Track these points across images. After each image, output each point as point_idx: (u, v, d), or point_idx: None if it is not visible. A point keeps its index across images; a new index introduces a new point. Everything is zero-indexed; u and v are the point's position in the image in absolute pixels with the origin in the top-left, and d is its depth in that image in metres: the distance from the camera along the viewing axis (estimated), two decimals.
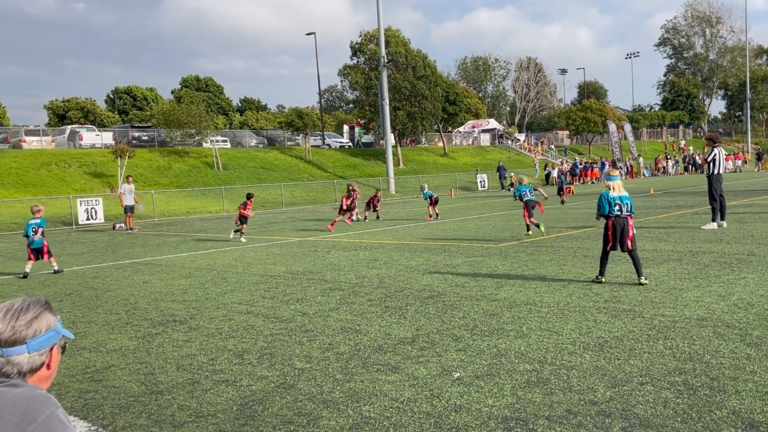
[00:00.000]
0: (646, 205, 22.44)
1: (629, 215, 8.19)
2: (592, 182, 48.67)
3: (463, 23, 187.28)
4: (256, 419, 4.35)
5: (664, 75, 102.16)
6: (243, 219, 17.15)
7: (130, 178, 25.89)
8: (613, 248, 8.25)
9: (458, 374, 5.04)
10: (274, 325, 7.08)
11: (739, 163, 57.06)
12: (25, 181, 32.14)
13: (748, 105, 74.12)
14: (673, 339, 5.69)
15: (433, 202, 21.02)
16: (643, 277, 8.19)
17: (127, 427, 4.35)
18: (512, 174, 44.02)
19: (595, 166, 51.11)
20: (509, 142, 66.22)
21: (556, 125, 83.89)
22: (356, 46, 49.95)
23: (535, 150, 63.41)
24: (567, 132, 71.10)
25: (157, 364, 5.84)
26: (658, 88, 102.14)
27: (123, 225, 25.61)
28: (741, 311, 6.55)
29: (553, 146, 65.34)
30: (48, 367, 1.97)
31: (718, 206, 13.94)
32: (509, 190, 42.14)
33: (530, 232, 14.77)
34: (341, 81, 55.84)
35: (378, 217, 23.48)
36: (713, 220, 14.03)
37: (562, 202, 25.87)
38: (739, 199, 22.15)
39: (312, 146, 49.01)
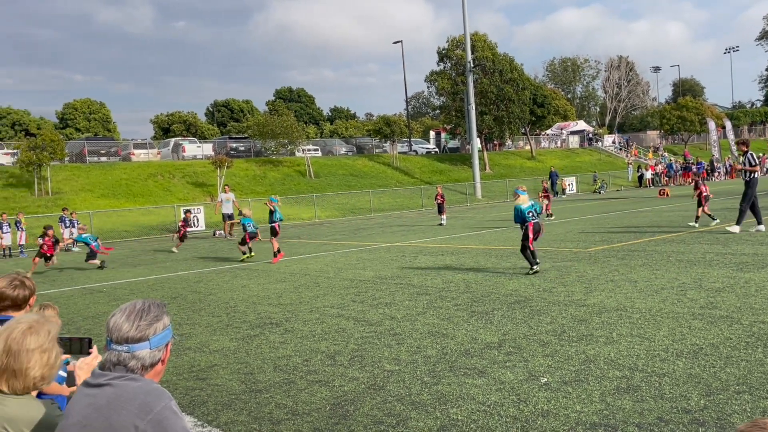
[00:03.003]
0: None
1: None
2: (689, 183, 46.41)
3: (546, 23, 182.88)
4: (348, 419, 4.57)
5: (767, 69, 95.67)
6: None
7: (227, 187, 26.79)
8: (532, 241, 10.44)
9: (545, 379, 5.06)
10: (364, 329, 7.32)
11: None
12: (134, 191, 34.35)
13: None
14: None
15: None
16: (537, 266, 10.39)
17: (230, 423, 4.68)
18: (555, 177, 41.87)
19: (692, 166, 48.68)
20: (599, 144, 64.17)
21: (650, 125, 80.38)
22: (443, 51, 50.00)
23: (633, 152, 60.98)
24: (658, 132, 68.00)
25: (256, 364, 6.19)
26: (760, 83, 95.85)
27: (222, 232, 26.83)
28: None
29: (664, 151, 61.94)
30: (162, 362, 2.20)
31: (747, 210, 13.89)
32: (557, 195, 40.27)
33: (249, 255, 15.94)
34: (428, 87, 55.95)
35: None
36: (738, 223, 13.87)
37: (549, 214, 22.81)
38: None
39: (399, 153, 49.49)
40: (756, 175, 13.95)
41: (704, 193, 16.02)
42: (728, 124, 58.93)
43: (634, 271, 9.88)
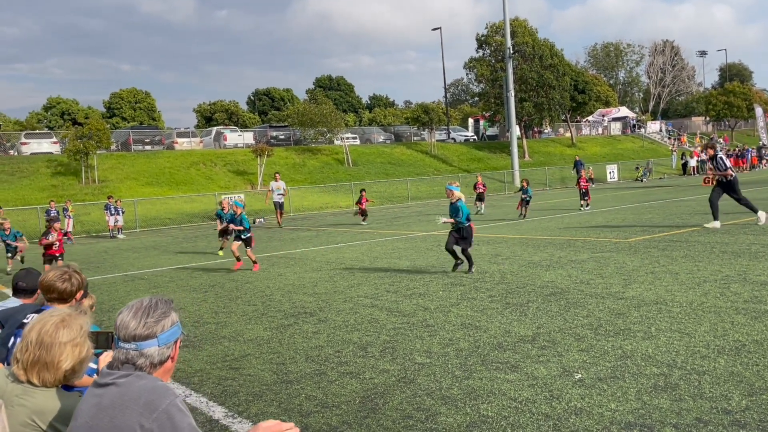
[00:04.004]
0: None
1: None
2: (740, 171, 45.09)
3: (588, 7, 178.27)
4: (377, 412, 4.55)
5: None
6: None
7: (278, 175, 25.26)
8: None
9: (580, 376, 4.96)
10: (397, 319, 7.30)
11: None
12: (177, 179, 35.01)
13: None
14: None
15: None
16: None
17: (260, 414, 4.71)
18: (589, 168, 39.34)
19: (746, 153, 47.31)
20: (642, 130, 62.61)
21: (695, 111, 77.99)
22: (482, 38, 49.43)
23: (682, 140, 59.25)
24: (703, 118, 65.92)
25: (288, 354, 6.23)
26: None
27: (263, 220, 27.09)
28: None
29: (718, 137, 59.53)
30: (172, 359, 2.18)
31: (746, 198, 13.73)
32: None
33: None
34: (466, 74, 55.52)
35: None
36: (756, 212, 13.55)
37: (587, 204, 21.52)
38: None
39: (437, 141, 49.22)
40: (731, 178, 13.53)
41: None
42: None
43: (675, 262, 9.62)
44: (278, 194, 24.08)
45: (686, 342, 5.61)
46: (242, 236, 12.45)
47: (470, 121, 63.58)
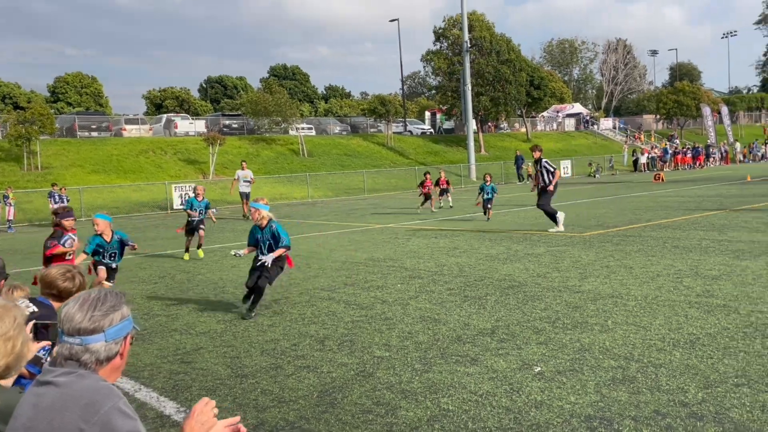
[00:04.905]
0: (743, 193, 21.15)
1: None
2: (684, 168, 46.56)
3: (542, 4, 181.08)
4: (335, 407, 4.43)
5: (764, 54, 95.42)
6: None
7: (244, 163, 23.92)
8: None
9: (539, 369, 4.94)
10: (355, 312, 7.18)
11: None
12: (125, 167, 33.99)
13: None
14: None
15: None
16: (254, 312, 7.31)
17: None
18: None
19: (688, 151, 48.80)
20: (595, 127, 63.96)
21: (646, 109, 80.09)
22: (439, 31, 49.52)
23: (637, 136, 60.73)
24: (654, 116, 67.77)
25: (243, 347, 6.04)
26: (756, 68, 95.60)
27: (215, 210, 26.43)
28: None
29: (677, 136, 60.69)
30: (121, 356, 2.02)
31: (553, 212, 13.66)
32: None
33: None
34: (424, 67, 55.53)
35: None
36: (557, 222, 13.54)
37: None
38: None
39: (394, 133, 49.15)
40: (546, 185, 13.49)
41: None
42: (724, 110, 58.80)
43: (629, 257, 9.77)
44: (244, 182, 22.73)
45: (642, 335, 5.66)
46: (112, 266, 8.11)
47: (427, 114, 63.72)
